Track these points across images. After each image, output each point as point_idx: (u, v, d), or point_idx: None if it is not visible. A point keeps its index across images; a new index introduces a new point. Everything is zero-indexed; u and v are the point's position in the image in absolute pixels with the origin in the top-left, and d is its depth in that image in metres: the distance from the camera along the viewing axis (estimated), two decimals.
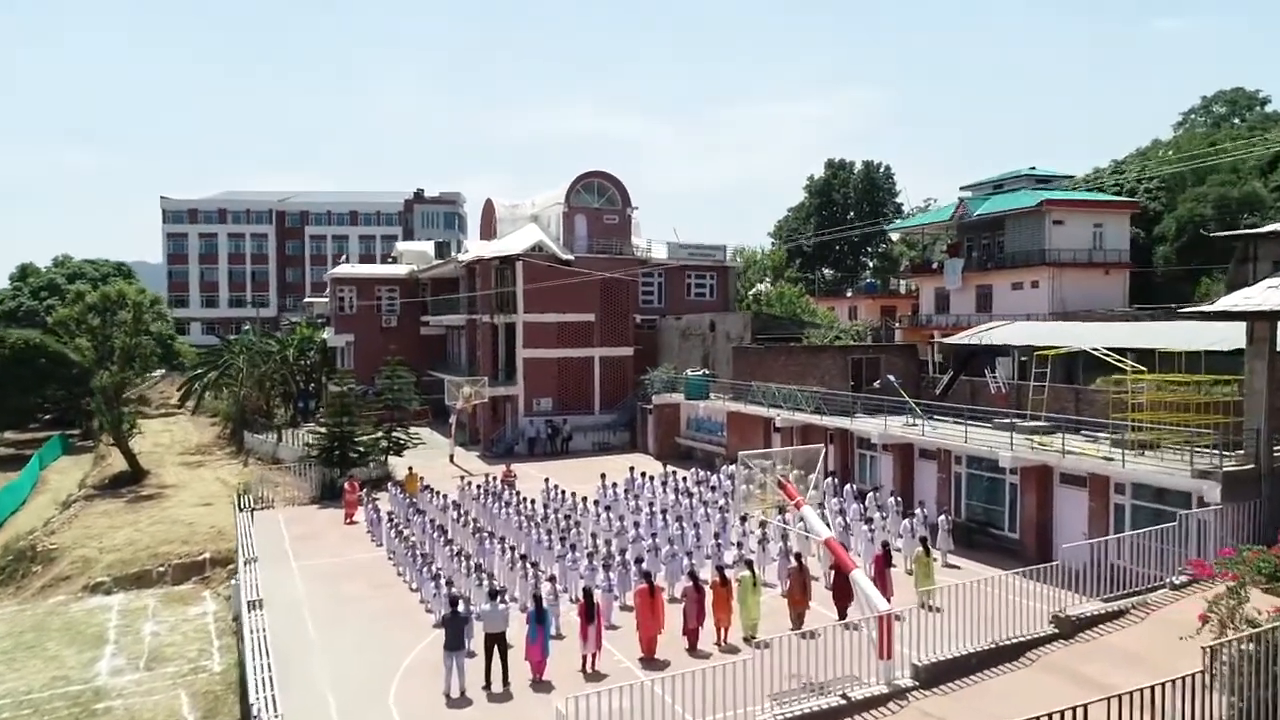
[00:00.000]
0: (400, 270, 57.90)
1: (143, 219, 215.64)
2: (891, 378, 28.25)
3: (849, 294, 72.88)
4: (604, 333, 45.51)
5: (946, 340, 33.79)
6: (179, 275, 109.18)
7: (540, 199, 52.92)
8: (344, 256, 75.74)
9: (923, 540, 20.12)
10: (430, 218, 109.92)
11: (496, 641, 16.20)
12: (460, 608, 16.55)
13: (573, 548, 21.37)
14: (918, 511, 23.43)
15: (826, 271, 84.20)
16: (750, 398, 34.23)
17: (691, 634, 17.66)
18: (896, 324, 58.69)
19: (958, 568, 22.17)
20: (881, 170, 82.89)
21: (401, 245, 66.34)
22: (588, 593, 16.85)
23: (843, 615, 19.00)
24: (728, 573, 18.61)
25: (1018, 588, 15.33)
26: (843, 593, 18.99)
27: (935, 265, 56.22)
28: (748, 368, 36.01)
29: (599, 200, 50.00)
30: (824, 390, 30.58)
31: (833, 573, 19.68)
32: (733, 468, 29.84)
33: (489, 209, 53.56)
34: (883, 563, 19.15)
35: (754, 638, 18.03)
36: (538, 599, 16.49)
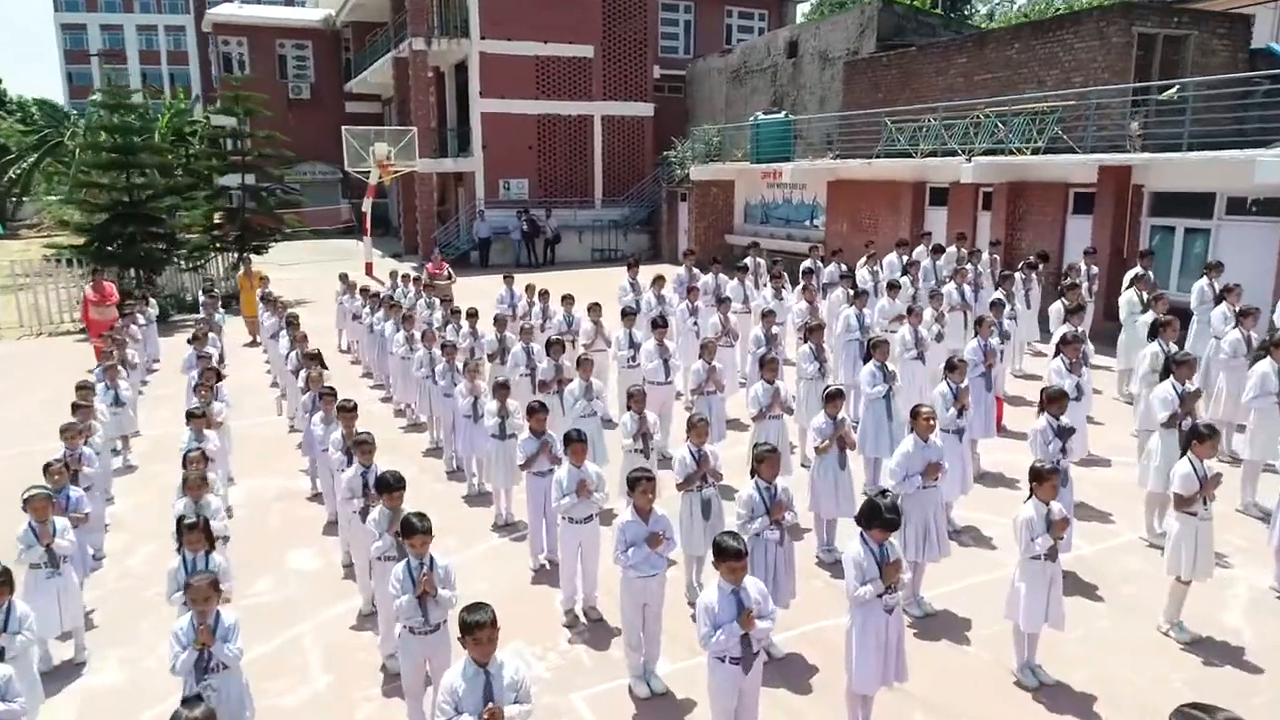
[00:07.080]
0: (313, 15, 40.60)
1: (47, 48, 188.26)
2: (1276, 45, 12.80)
3: None
4: (609, 77, 29.27)
5: None
6: (81, 79, 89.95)
7: None
8: None
9: None
10: None
11: None
12: None
13: (653, 438, 6.35)
14: None
15: None
16: (887, 144, 18.78)
17: None
18: None
19: None
20: None
21: None
22: None
23: None
24: None
25: None
26: None
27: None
28: (876, 95, 20.27)
29: None
30: (1084, 89, 14.94)
31: None
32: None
33: None
34: None
35: None
36: None
